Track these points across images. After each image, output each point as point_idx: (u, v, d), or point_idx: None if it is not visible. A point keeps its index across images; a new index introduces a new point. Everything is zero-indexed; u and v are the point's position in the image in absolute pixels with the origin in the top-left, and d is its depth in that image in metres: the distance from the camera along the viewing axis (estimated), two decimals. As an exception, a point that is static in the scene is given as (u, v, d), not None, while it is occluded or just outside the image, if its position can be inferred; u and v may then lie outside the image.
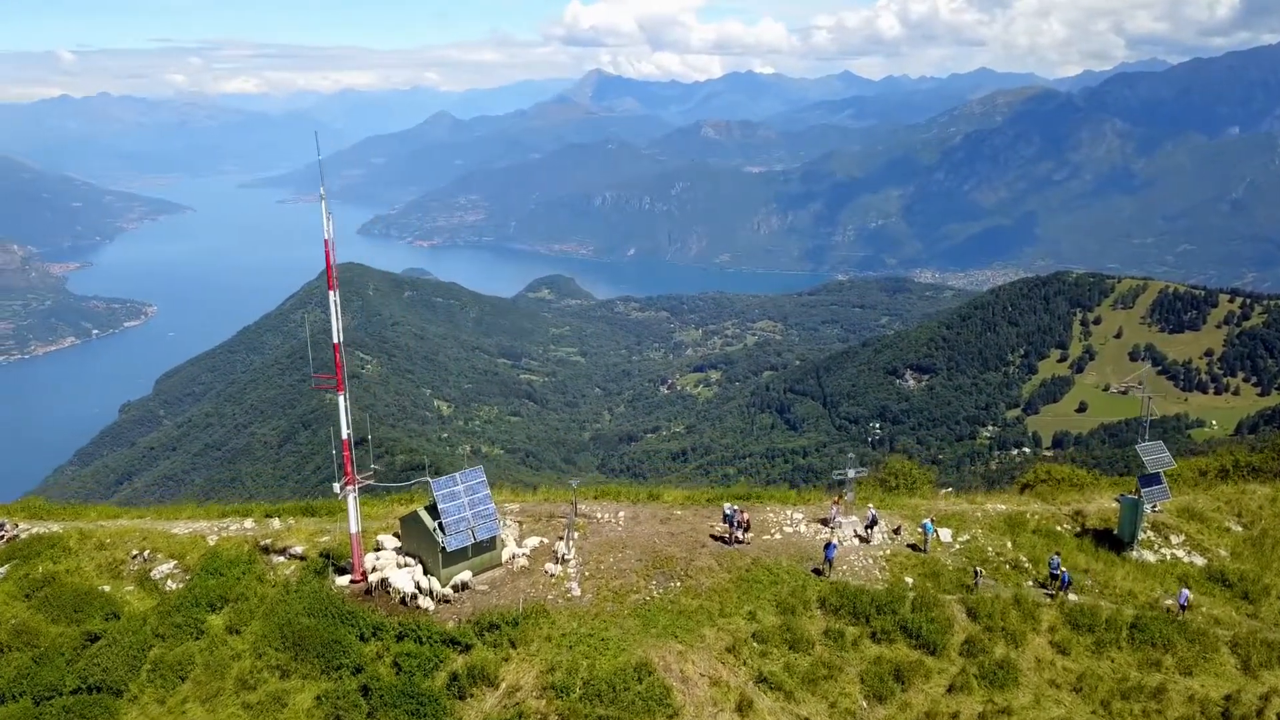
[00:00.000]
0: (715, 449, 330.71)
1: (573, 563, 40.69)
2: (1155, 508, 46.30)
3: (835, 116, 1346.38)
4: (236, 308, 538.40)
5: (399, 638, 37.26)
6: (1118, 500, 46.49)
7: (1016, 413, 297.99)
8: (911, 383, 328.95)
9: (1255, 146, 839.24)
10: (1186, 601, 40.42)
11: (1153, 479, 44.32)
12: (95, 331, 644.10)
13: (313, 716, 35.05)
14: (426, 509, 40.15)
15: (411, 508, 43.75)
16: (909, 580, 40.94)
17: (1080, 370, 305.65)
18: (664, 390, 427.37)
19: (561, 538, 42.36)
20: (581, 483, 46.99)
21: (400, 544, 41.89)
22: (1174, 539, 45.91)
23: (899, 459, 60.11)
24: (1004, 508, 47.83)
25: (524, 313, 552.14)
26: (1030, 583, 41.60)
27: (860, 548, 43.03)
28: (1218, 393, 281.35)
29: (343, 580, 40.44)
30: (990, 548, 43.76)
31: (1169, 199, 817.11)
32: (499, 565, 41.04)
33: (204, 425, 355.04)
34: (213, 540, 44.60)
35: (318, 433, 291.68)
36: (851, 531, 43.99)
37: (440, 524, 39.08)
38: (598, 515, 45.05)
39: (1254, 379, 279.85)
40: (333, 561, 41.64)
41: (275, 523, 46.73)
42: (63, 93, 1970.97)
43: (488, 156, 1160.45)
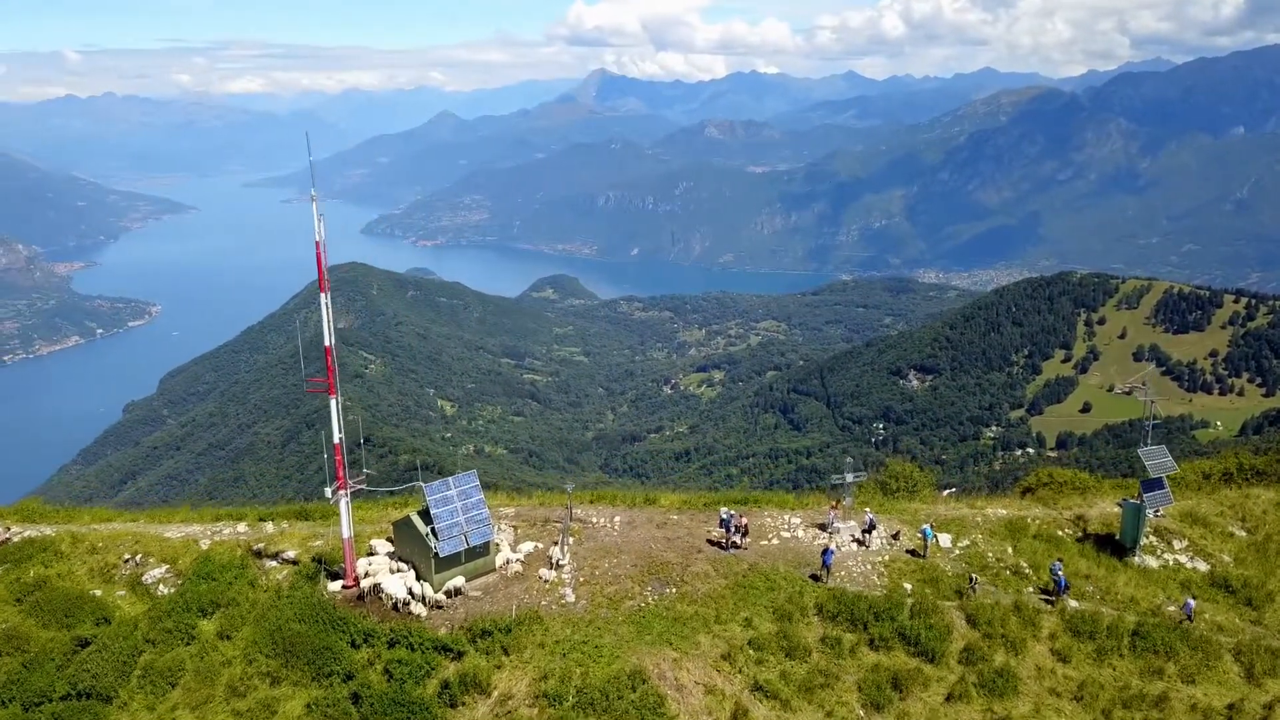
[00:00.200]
0: (718, 449, 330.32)
1: (567, 568, 40.20)
2: (1158, 513, 45.76)
3: (839, 116, 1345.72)
4: (240, 307, 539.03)
5: (390, 644, 36.77)
6: (1120, 505, 45.90)
7: (1020, 413, 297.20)
8: (915, 383, 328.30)
9: (1260, 146, 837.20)
10: (1192, 611, 39.86)
11: (1155, 484, 43.75)
12: (100, 331, 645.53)
13: (302, 724, 34.66)
14: (419, 513, 39.69)
15: (406, 512, 43.35)
16: (908, 586, 40.39)
17: (1084, 371, 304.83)
18: (667, 390, 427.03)
19: (556, 543, 41.89)
20: (579, 486, 46.53)
21: (393, 549, 41.45)
22: (1177, 544, 45.34)
23: (899, 462, 59.57)
24: (1005, 512, 47.26)
25: (527, 312, 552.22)
26: (1031, 589, 41.08)
27: (858, 553, 42.49)
28: (1222, 393, 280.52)
29: (335, 585, 40.00)
30: (990, 553, 43.21)
31: (1173, 199, 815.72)
32: (493, 571, 40.55)
33: (208, 425, 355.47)
34: (205, 544, 44.21)
35: (320, 432, 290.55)
36: (849, 537, 43.48)
37: (433, 529, 38.65)
38: (593, 520, 44.56)
39: (1259, 380, 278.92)
40: (325, 566, 41.20)
41: (269, 527, 46.35)
42: (69, 92, 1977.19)
43: (492, 156, 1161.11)
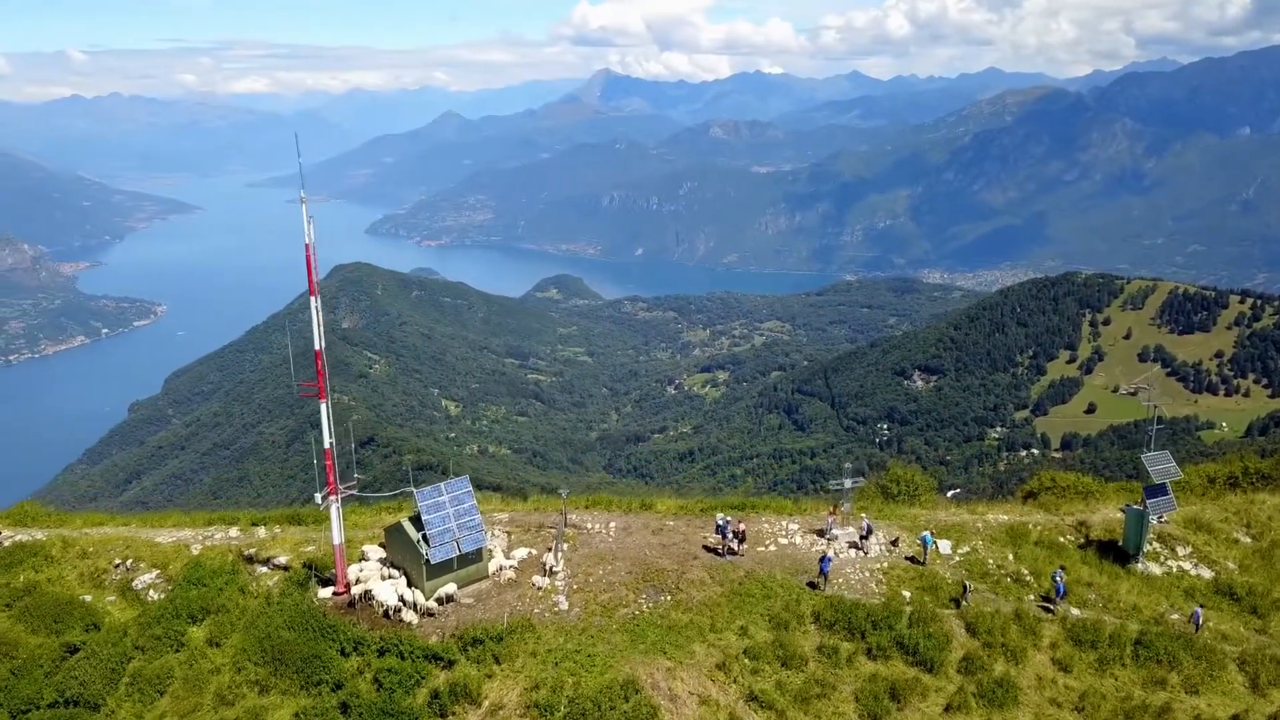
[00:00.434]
0: (722, 449, 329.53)
1: (561, 575, 39.67)
2: (1161, 519, 45.10)
3: (843, 116, 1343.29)
4: (245, 307, 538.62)
5: (380, 653, 36.30)
6: (1123, 510, 45.27)
7: (1025, 414, 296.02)
8: (919, 383, 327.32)
9: (1266, 146, 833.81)
10: (1200, 621, 39.11)
11: (1159, 489, 43.05)
12: (105, 331, 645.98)
13: (290, 734, 34.20)
14: (411, 519, 39.19)
15: (399, 516, 42.85)
16: (906, 594, 39.79)
17: (1089, 371, 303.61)
18: (671, 390, 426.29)
19: (550, 549, 41.36)
20: (582, 486, 46.03)
21: (385, 555, 40.95)
22: (1180, 551, 44.65)
23: (900, 465, 58.90)
24: (1006, 518, 46.61)
25: (531, 313, 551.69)
26: (1032, 597, 40.45)
27: (857, 560, 41.89)
28: (1228, 394, 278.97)
29: (326, 592, 39.49)
30: (991, 560, 42.59)
31: (1179, 199, 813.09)
32: (485, 577, 40.03)
33: (212, 424, 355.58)
34: (196, 549, 43.77)
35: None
36: (847, 543, 42.89)
37: (424, 535, 38.15)
38: (588, 525, 44.02)
39: (1264, 380, 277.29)
40: (316, 572, 40.71)
41: (261, 531, 45.88)
42: (74, 93, 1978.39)
43: (496, 156, 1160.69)
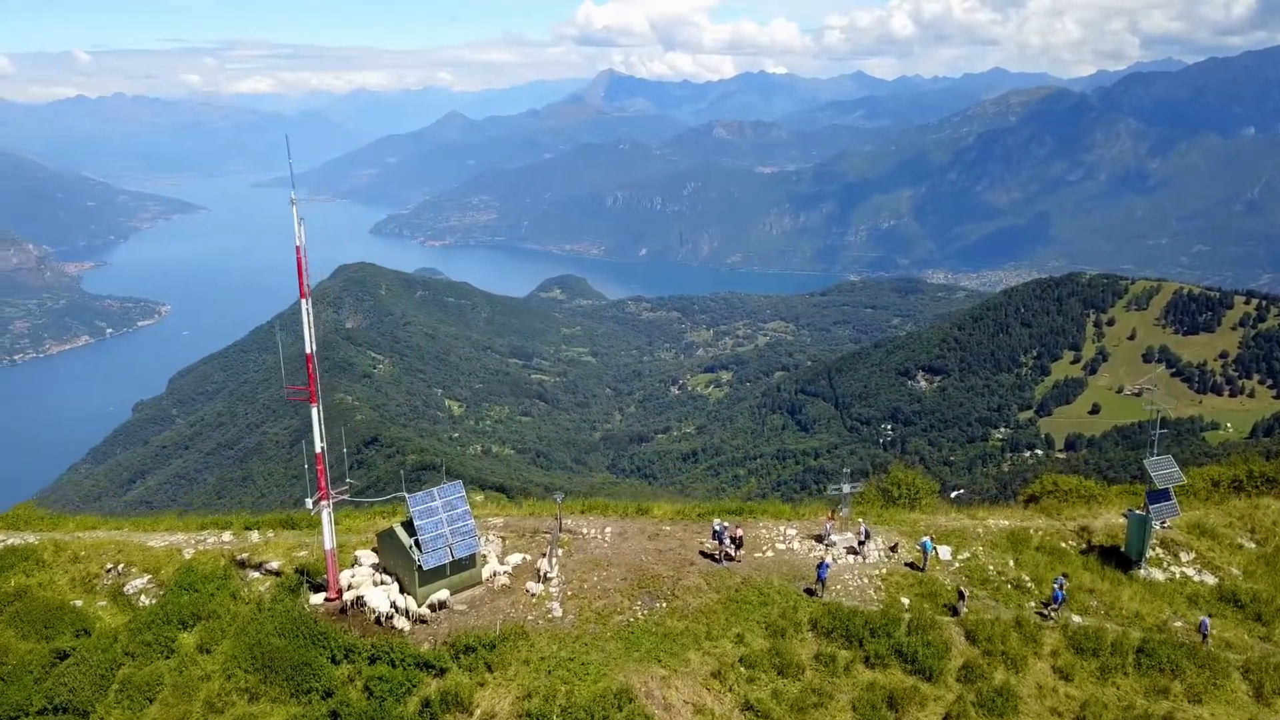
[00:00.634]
0: (726, 450, 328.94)
1: (555, 581, 39.20)
2: (1164, 524, 44.54)
3: (848, 116, 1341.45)
4: (249, 307, 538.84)
5: (372, 660, 35.88)
6: (1125, 516, 44.72)
7: (1029, 414, 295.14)
8: (923, 384, 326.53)
9: (1271, 146, 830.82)
10: (1208, 630, 38.49)
11: (1162, 494, 42.50)
12: (109, 330, 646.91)
13: (280, 743, 33.81)
14: (403, 525, 38.72)
15: (393, 521, 42.41)
16: (905, 601, 39.26)
17: (1093, 372, 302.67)
18: (675, 391, 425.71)
19: (545, 554, 40.88)
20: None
21: (378, 560, 40.49)
22: (1184, 556, 44.07)
23: (901, 468, 58.22)
24: (1006, 523, 46.06)
25: (535, 313, 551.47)
26: (1032, 604, 39.91)
27: (855, 566, 41.37)
28: (1233, 395, 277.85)
29: (318, 598, 39.06)
30: (991, 566, 42.04)
31: (1184, 199, 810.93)
32: (479, 583, 39.57)
33: (216, 424, 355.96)
34: (189, 554, 43.36)
35: (328, 432, 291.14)
36: (846, 549, 42.36)
37: (416, 541, 37.68)
38: (584, 531, 43.53)
39: (1269, 381, 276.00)
40: (309, 578, 40.28)
41: (254, 536, 45.46)
42: (78, 93, 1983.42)
43: (500, 156, 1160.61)
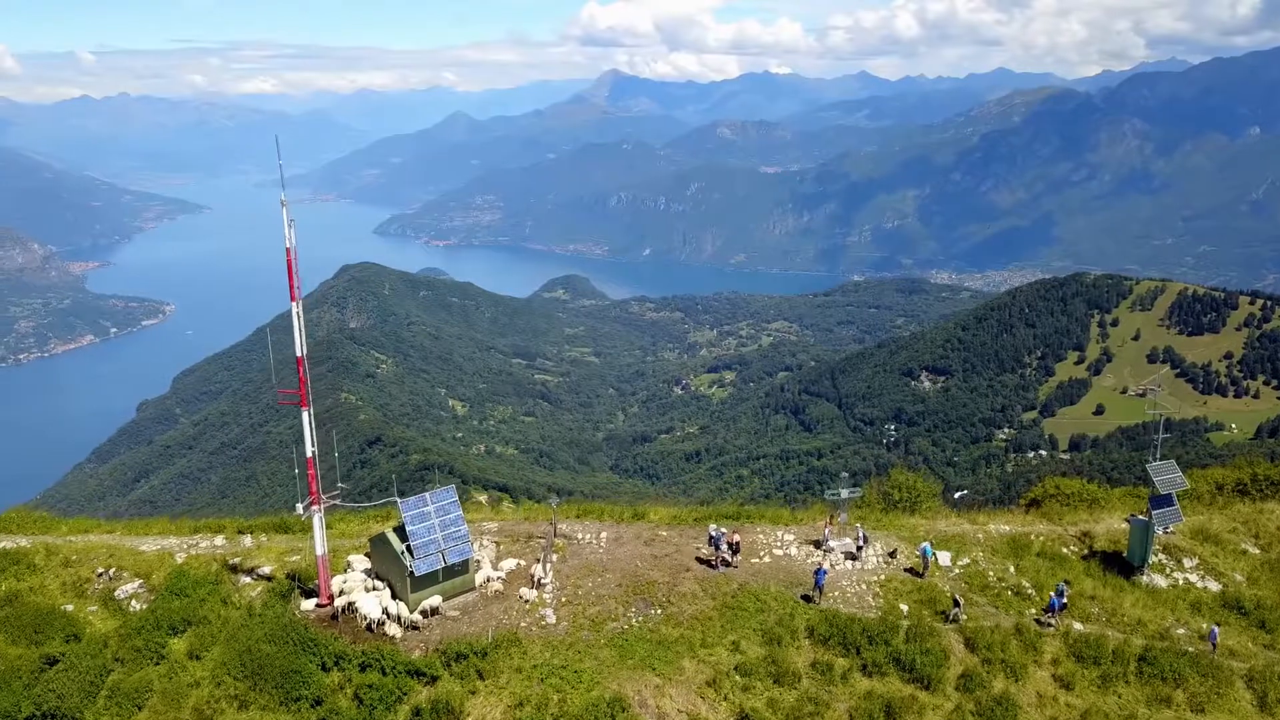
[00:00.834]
0: (729, 450, 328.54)
1: (549, 587, 38.73)
2: (1167, 530, 44.01)
3: (851, 117, 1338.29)
4: (253, 306, 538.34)
5: (362, 668, 35.38)
6: (1128, 521, 44.17)
7: (1033, 415, 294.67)
8: (927, 384, 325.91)
9: (1276, 147, 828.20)
10: (1217, 640, 37.90)
11: (1164, 500, 41.99)
12: (114, 330, 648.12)
13: (269, 751, 33.35)
14: (395, 530, 38.27)
15: (387, 526, 41.97)
16: (904, 608, 38.71)
17: (1098, 373, 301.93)
18: (678, 391, 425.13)
19: (539, 560, 40.42)
20: (573, 497, 45.13)
21: (370, 565, 40.05)
22: (1187, 562, 43.56)
23: (902, 471, 57.68)
24: (1007, 528, 45.53)
25: (539, 313, 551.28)
26: (1033, 611, 39.37)
27: (853, 572, 40.83)
28: (1237, 396, 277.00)
29: (309, 604, 38.59)
30: (992, 572, 41.50)
31: (1188, 200, 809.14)
32: (472, 589, 39.10)
33: (220, 424, 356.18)
34: (180, 558, 42.91)
35: (332, 432, 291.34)
36: (843, 554, 41.84)
37: (409, 546, 37.23)
38: (579, 536, 43.04)
39: (1274, 382, 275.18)
40: (300, 584, 39.82)
41: (247, 540, 45.01)
42: (84, 93, 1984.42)
43: (504, 156, 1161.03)
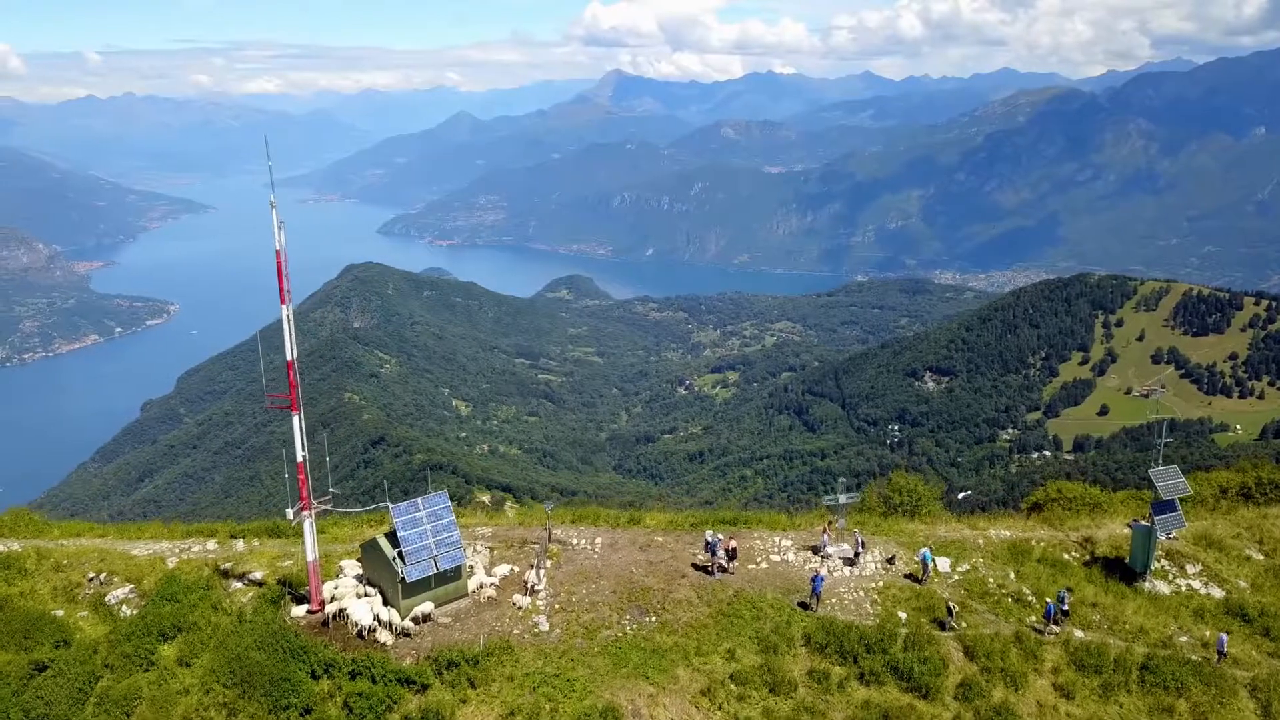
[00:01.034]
0: (733, 450, 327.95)
1: (542, 594, 38.25)
2: (1170, 535, 43.42)
3: (856, 117, 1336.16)
4: (258, 306, 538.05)
5: (352, 676, 34.93)
6: (1130, 526, 43.60)
7: (1037, 415, 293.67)
8: (931, 385, 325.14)
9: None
10: (1225, 648, 37.25)
11: (1167, 505, 41.38)
12: (118, 329, 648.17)
13: (257, 761, 32.91)
14: (387, 536, 37.80)
15: (380, 530, 41.54)
16: (902, 615, 38.18)
17: (1102, 373, 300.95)
18: (681, 391, 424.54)
19: (533, 566, 39.93)
20: (559, 505, 44.71)
21: (362, 571, 39.57)
22: (1190, 569, 42.97)
23: (903, 474, 57.13)
24: (1008, 534, 44.95)
25: (542, 313, 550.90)
26: (1033, 618, 38.81)
27: (851, 579, 40.29)
28: (1242, 396, 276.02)
29: (300, 610, 38.15)
30: (992, 578, 40.95)
31: (1194, 200, 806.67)
32: (465, 595, 38.63)
33: (224, 423, 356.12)
34: (172, 563, 42.54)
35: (336, 431, 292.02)
36: (841, 560, 41.30)
37: (400, 552, 36.75)
38: (573, 541, 42.55)
39: (1279, 383, 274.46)
40: (291, 590, 39.39)
41: (239, 544, 44.62)
42: (89, 93, 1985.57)
43: (508, 156, 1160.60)
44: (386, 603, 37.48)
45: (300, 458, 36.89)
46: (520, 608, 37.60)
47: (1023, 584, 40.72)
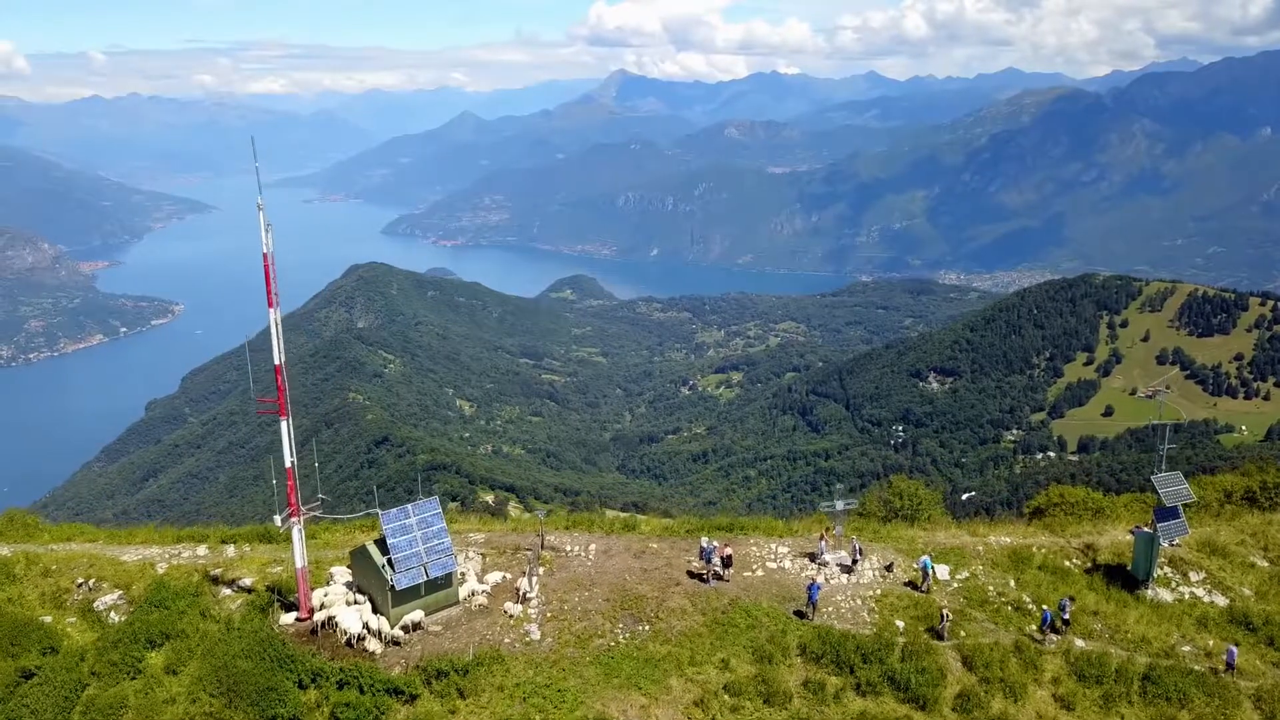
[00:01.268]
0: (736, 451, 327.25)
1: (534, 602, 37.68)
2: (1173, 542, 42.73)
3: (860, 117, 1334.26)
4: (262, 306, 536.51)
5: (340, 685, 34.35)
6: (1132, 533, 42.92)
7: (1041, 416, 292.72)
8: (935, 385, 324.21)
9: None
10: (1235, 660, 36.51)
11: (1170, 512, 40.66)
12: (123, 329, 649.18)
13: (243, 772, 32.39)
14: (376, 542, 37.25)
15: (371, 535, 41.03)
16: (900, 624, 37.52)
17: (1107, 374, 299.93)
18: (685, 391, 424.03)
19: (525, 573, 39.37)
20: (551, 511, 44.19)
21: (352, 578, 39.02)
22: (1193, 576, 42.29)
23: (904, 478, 56.53)
24: (1009, 540, 44.27)
25: (546, 313, 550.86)
26: (1033, 627, 38.16)
27: (848, 587, 39.66)
28: (1247, 397, 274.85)
29: (289, 617, 37.62)
30: (991, 586, 40.29)
31: (1199, 200, 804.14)
32: (456, 603, 38.06)
33: (229, 423, 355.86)
34: (162, 568, 42.06)
35: (340, 431, 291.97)
36: (838, 567, 40.68)
37: (389, 559, 36.20)
38: (567, 548, 41.97)
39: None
40: (280, 596, 38.86)
41: (230, 550, 44.10)
42: (94, 93, 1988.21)
43: (512, 157, 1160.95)
44: (376, 610, 36.94)
45: (289, 463, 36.36)
46: (512, 616, 37.06)
47: (1023, 592, 40.07)
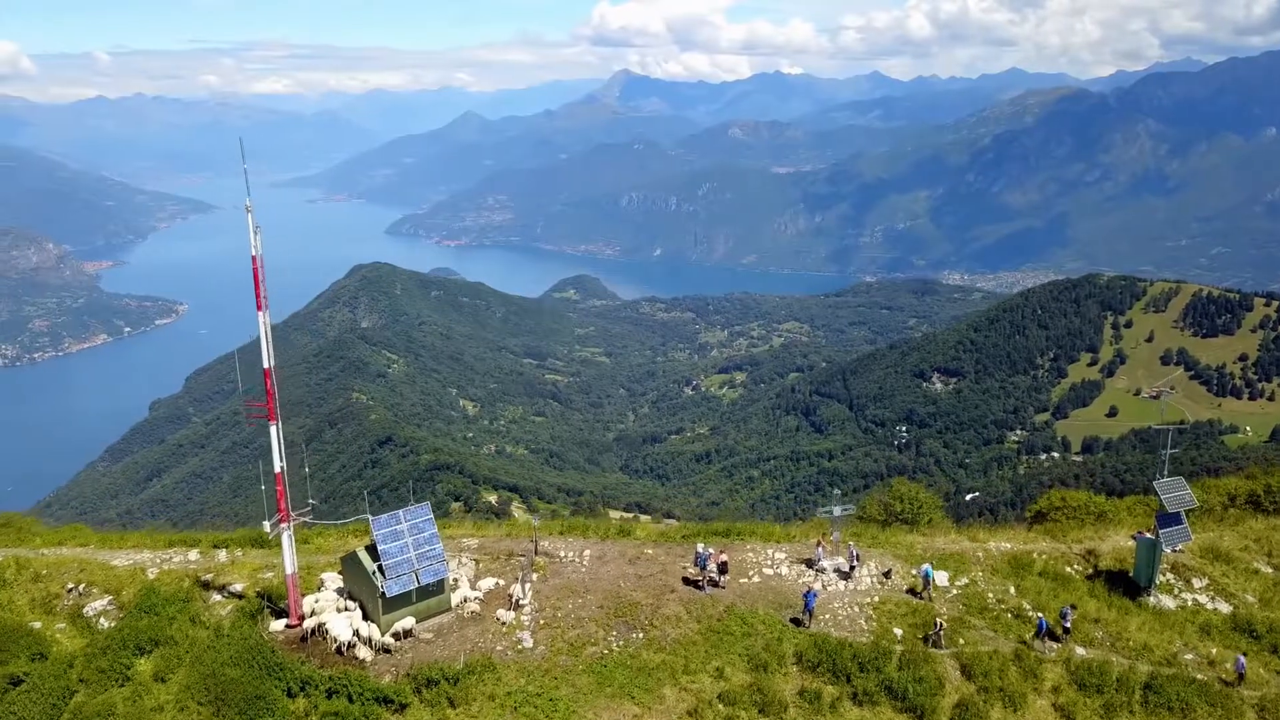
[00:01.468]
0: (739, 451, 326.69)
1: (527, 609, 37.19)
2: (1176, 548, 42.13)
3: (864, 117, 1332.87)
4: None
5: (329, 694, 33.89)
6: (1134, 539, 42.32)
7: (1045, 417, 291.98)
8: (939, 386, 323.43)
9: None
10: (1245, 669, 35.88)
11: (1173, 518, 40.08)
12: (127, 329, 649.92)
13: (230, 782, 31.95)
14: (367, 549, 36.78)
15: (363, 541, 40.56)
16: (898, 632, 36.98)
17: (1111, 374, 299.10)
18: (688, 391, 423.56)
19: (518, 580, 38.87)
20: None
21: (343, 584, 38.55)
22: (1196, 582, 41.70)
23: (905, 482, 56.04)
24: (1009, 546, 43.71)
25: (549, 313, 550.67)
26: (1032, 635, 37.58)
27: (846, 594, 39.09)
28: (1252, 398, 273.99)
29: (278, 624, 37.15)
30: (991, 593, 39.73)
31: (1203, 201, 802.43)
32: (448, 610, 37.58)
33: (232, 423, 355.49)
34: (153, 574, 41.62)
35: (343, 431, 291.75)
36: (836, 573, 40.13)
37: (380, 566, 35.72)
38: (561, 554, 41.47)
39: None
40: (271, 603, 38.39)
41: (222, 554, 43.67)
42: (99, 93, 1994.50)
43: (516, 157, 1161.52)
44: (367, 617, 36.47)
45: (278, 468, 35.93)
46: (504, 623, 36.57)
47: (1023, 599, 39.50)
